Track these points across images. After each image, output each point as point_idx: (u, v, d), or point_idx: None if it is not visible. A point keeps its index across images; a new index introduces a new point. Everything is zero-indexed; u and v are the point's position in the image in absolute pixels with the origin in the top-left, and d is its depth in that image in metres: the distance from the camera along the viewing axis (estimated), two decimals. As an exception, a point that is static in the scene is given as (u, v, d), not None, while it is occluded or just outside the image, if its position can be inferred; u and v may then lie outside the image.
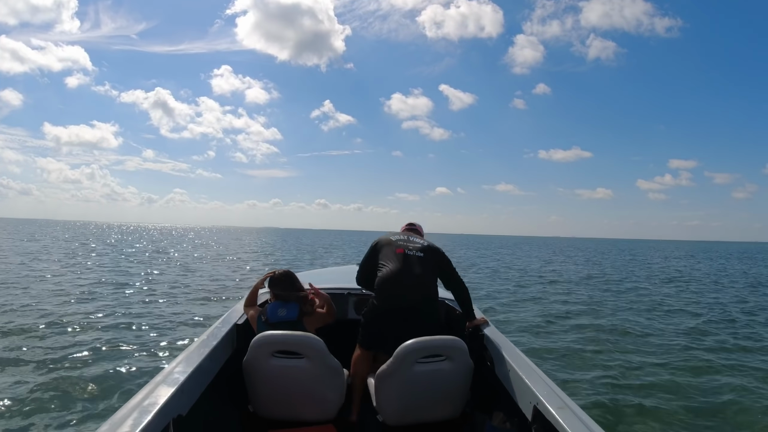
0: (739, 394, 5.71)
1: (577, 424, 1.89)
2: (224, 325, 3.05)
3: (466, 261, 30.99)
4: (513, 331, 8.85)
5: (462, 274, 3.31)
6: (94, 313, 10.03)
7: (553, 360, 7.00)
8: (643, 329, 9.50)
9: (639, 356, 7.37)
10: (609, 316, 11.00)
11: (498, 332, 3.20)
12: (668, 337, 8.84)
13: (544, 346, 7.85)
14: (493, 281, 18.64)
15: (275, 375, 2.61)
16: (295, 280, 3.06)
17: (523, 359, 2.72)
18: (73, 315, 9.68)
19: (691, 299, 14.65)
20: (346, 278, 4.16)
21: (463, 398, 2.79)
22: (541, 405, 2.15)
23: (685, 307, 12.90)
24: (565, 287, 17.12)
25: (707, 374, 6.51)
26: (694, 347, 8.07)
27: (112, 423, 1.72)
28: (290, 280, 3.03)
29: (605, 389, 5.75)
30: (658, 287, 18.14)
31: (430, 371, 2.62)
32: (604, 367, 6.66)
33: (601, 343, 8.11)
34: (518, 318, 10.50)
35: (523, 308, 11.98)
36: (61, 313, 9.86)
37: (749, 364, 7.07)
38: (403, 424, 2.71)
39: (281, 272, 3.06)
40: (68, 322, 8.85)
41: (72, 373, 5.90)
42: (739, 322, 10.73)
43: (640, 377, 6.27)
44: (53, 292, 12.42)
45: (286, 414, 2.71)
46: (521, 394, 2.46)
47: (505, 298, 13.66)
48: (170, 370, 2.26)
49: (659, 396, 5.56)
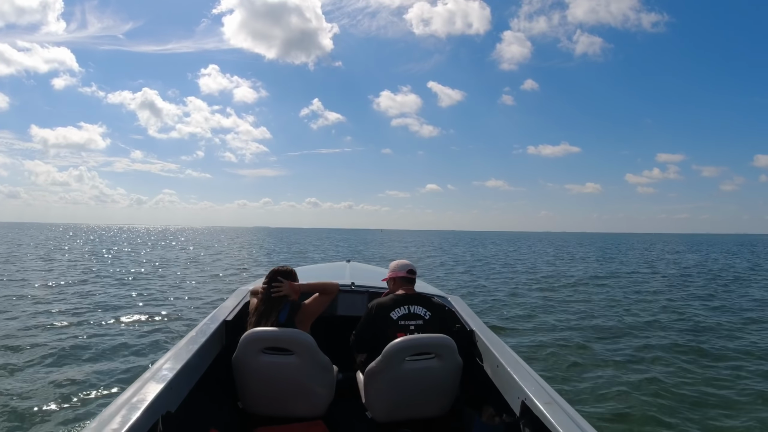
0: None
1: (564, 419, 1.92)
2: (213, 322, 3.04)
3: (475, 262, 28.25)
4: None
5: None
6: (80, 310, 9.95)
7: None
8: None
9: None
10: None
11: (487, 329, 3.22)
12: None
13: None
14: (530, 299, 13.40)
15: (265, 371, 2.61)
16: (291, 278, 2.99)
17: (511, 355, 2.74)
18: (59, 313, 9.62)
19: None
20: (335, 275, 4.16)
21: (452, 395, 2.81)
22: (529, 400, 2.18)
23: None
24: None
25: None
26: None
27: (101, 420, 1.71)
28: (287, 278, 2.97)
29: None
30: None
31: (420, 369, 2.64)
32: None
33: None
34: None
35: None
36: (46, 310, 9.80)
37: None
38: (392, 420, 2.73)
39: (282, 269, 2.99)
40: (54, 320, 8.78)
41: (59, 371, 5.87)
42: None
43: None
44: (36, 290, 12.40)
45: (275, 410, 2.71)
46: (509, 390, 2.49)
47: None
48: (159, 367, 2.25)
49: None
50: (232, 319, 3.17)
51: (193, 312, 9.99)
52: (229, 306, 3.38)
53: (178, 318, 9.35)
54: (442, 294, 3.81)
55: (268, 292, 2.85)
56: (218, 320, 3.09)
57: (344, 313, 3.68)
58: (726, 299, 13.29)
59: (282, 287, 2.86)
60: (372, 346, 2.76)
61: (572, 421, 1.91)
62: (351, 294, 3.76)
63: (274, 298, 2.83)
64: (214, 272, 18.80)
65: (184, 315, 9.67)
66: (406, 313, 2.86)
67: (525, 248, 48.70)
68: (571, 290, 15.03)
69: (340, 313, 3.66)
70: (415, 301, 2.92)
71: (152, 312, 9.80)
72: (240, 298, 3.57)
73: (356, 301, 3.72)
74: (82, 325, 8.49)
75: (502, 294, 13.80)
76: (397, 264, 3.13)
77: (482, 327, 3.23)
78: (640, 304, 12.27)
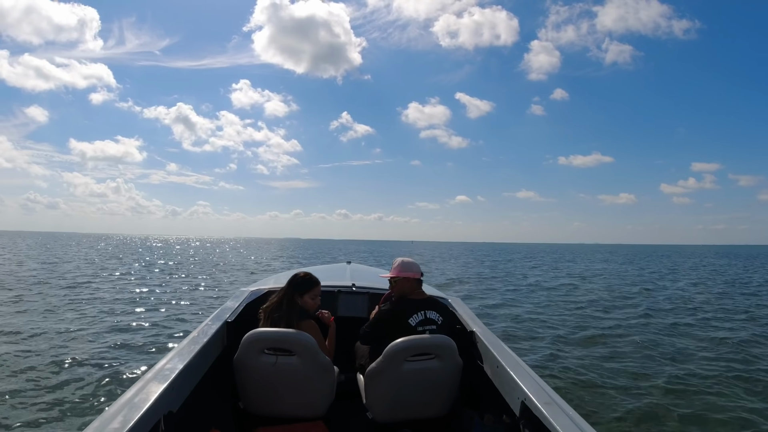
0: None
1: (563, 419, 1.92)
2: (215, 323, 3.06)
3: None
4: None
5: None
6: (84, 311, 10.14)
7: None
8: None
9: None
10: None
11: (487, 329, 3.23)
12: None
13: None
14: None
15: (266, 372, 2.62)
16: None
17: (511, 356, 2.74)
18: (63, 314, 9.81)
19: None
20: (336, 276, 4.19)
21: (452, 395, 2.81)
22: (529, 401, 2.18)
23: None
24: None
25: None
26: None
27: (102, 419, 1.72)
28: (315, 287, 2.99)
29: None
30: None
31: (420, 369, 2.64)
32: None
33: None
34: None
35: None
36: (48, 311, 10.01)
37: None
38: (392, 421, 2.73)
39: (303, 275, 3.01)
40: (58, 321, 8.96)
41: (62, 371, 5.93)
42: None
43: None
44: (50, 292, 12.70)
45: (276, 411, 2.72)
46: (509, 391, 2.49)
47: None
48: (161, 367, 2.27)
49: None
50: (234, 320, 3.20)
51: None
52: (231, 307, 3.41)
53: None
54: (442, 295, 3.82)
55: (292, 299, 2.87)
56: (220, 321, 3.11)
57: (345, 314, 3.70)
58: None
59: (325, 317, 3.00)
60: (379, 342, 2.76)
61: (572, 421, 1.91)
62: (352, 295, 3.79)
63: (298, 304, 2.87)
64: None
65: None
66: (423, 319, 2.86)
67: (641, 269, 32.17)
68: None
69: (341, 314, 3.67)
70: (431, 306, 2.93)
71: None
72: (241, 299, 3.60)
73: (357, 303, 3.76)
74: (98, 327, 8.62)
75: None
76: (408, 263, 3.02)
77: (482, 328, 3.24)
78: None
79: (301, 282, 2.94)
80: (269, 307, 2.89)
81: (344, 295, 3.80)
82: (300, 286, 2.92)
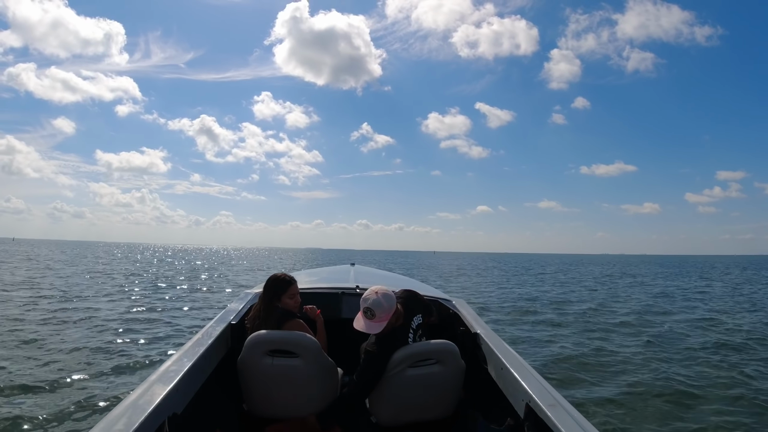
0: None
1: (568, 421, 1.92)
2: (219, 325, 3.07)
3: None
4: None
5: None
6: (90, 313, 10.27)
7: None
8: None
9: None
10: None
11: (491, 331, 3.21)
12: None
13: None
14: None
15: (269, 374, 2.62)
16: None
17: (515, 358, 2.72)
18: (68, 315, 9.94)
19: None
20: (340, 278, 4.18)
21: (455, 398, 2.79)
22: (534, 403, 2.17)
23: None
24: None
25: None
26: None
27: (107, 421, 1.73)
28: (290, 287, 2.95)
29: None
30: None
31: (422, 375, 2.63)
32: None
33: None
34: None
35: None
36: (56, 311, 10.15)
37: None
38: (396, 424, 2.72)
39: (275, 277, 2.98)
40: (63, 323, 9.08)
41: (66, 373, 5.96)
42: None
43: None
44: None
45: (280, 413, 2.71)
46: (514, 392, 2.48)
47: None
48: (165, 369, 2.28)
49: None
50: (238, 322, 3.20)
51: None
52: (235, 309, 3.41)
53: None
54: (446, 297, 3.80)
55: (271, 303, 2.86)
56: (224, 323, 3.12)
57: (349, 316, 3.65)
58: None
59: (311, 312, 3.01)
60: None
61: (576, 423, 1.90)
62: (356, 297, 3.72)
63: (278, 307, 2.85)
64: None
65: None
66: (414, 328, 2.73)
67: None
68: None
69: (345, 316, 3.66)
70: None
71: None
72: (245, 301, 3.60)
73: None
74: (102, 329, 8.66)
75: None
76: (387, 304, 2.57)
77: (486, 330, 3.22)
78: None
79: (274, 284, 2.92)
80: (252, 317, 2.91)
81: (348, 296, 3.80)
82: (275, 289, 2.91)
